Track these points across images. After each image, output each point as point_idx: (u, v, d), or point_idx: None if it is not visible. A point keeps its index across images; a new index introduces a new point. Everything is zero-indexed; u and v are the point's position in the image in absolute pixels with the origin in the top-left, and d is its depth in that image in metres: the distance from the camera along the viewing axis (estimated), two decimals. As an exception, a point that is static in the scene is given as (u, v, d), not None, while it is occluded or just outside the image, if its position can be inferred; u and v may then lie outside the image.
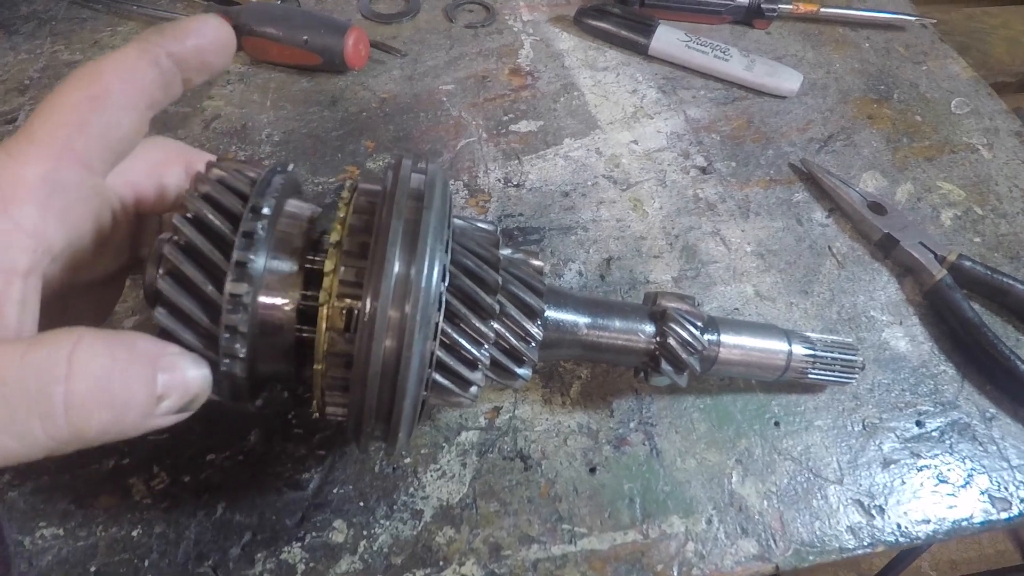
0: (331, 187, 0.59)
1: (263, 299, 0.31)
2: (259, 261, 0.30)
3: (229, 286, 0.29)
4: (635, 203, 0.60)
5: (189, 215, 0.30)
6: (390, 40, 0.72)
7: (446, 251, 0.33)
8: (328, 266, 0.32)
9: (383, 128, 0.65)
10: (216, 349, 0.29)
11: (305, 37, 0.65)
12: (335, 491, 0.43)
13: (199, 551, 0.41)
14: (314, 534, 0.42)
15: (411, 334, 0.30)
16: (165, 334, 0.29)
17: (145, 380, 0.26)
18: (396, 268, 0.31)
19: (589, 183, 0.61)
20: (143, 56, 0.30)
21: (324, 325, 0.31)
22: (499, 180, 0.61)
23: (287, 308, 0.32)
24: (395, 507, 0.43)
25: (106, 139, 0.29)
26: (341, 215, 0.33)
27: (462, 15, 0.78)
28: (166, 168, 0.35)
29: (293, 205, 0.35)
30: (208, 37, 0.31)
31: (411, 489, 0.43)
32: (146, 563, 0.40)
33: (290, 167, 0.36)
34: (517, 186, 0.61)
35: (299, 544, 0.41)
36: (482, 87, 0.69)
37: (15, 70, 0.68)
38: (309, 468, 0.44)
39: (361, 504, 0.43)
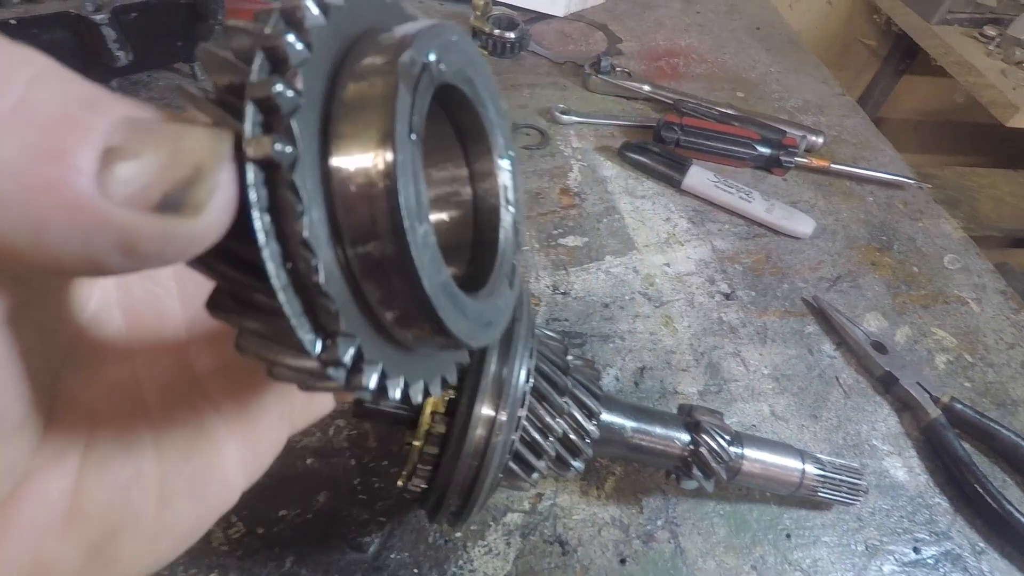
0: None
1: None
2: None
3: None
4: (666, 320, 0.68)
5: None
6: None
7: (530, 357, 0.40)
8: (438, 361, 0.39)
9: (449, 230, 0.74)
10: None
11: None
12: (392, 556, 0.48)
13: (265, 600, 0.45)
14: (371, 595, 0.46)
15: (500, 426, 0.37)
16: None
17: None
18: (492, 368, 0.38)
19: (627, 298, 0.70)
20: None
21: (429, 409, 0.38)
22: (548, 287, 0.69)
23: None
24: (445, 577, 0.47)
25: None
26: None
27: (520, 137, 0.89)
28: None
29: None
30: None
31: (460, 561, 0.48)
32: (218, 607, 0.44)
33: None
34: (564, 294, 0.69)
35: (357, 603, 0.45)
36: (536, 202, 0.79)
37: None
38: (370, 532, 0.49)
39: (416, 571, 0.47)
